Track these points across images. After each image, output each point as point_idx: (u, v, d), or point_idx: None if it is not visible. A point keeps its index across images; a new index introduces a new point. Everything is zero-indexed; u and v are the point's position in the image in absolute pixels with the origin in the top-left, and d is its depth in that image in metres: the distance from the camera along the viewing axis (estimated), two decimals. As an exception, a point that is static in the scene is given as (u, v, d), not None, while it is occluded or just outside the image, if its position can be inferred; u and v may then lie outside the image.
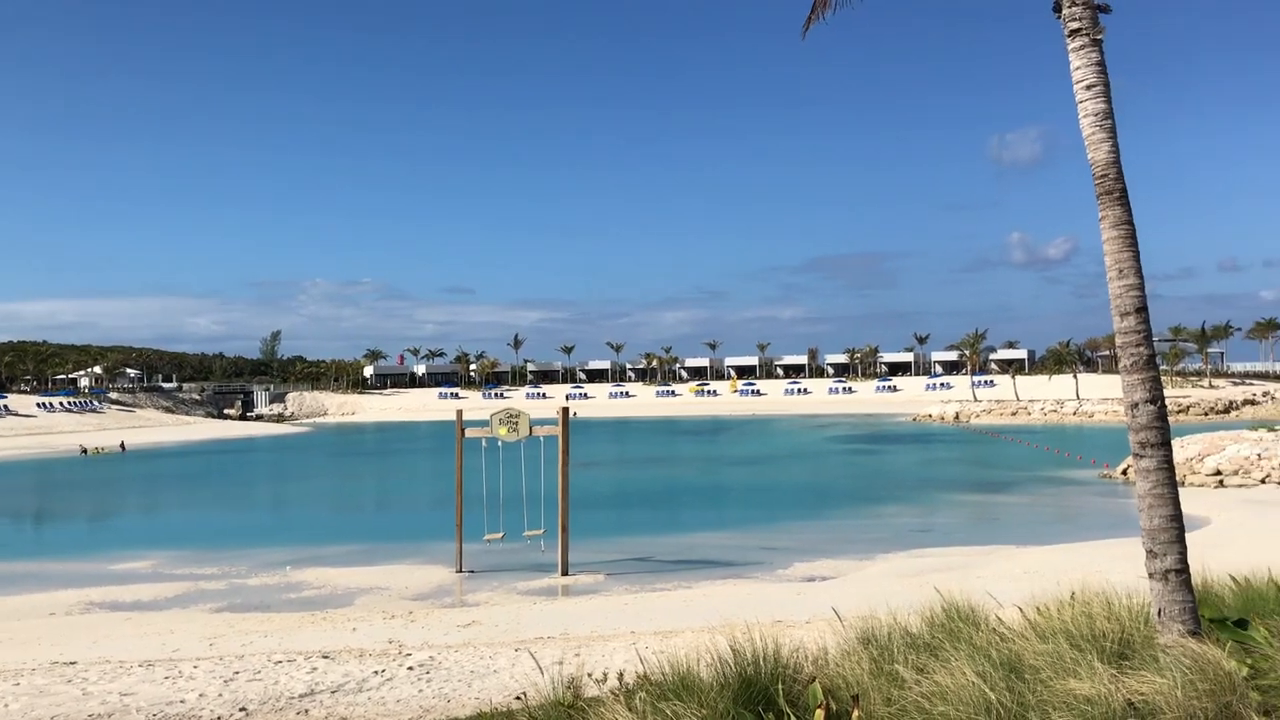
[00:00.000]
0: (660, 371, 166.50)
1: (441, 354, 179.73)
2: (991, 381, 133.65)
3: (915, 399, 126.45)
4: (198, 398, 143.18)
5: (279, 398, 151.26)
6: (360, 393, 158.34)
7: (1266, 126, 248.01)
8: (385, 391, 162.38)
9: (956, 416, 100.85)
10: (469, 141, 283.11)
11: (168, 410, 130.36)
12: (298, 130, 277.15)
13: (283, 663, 14.63)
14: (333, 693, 12.71)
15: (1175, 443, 42.39)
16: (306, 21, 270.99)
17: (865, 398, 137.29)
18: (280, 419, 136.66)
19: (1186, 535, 7.05)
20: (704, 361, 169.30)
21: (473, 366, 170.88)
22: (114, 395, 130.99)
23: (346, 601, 22.16)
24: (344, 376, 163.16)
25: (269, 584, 24.59)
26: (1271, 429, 45.12)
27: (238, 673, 13.96)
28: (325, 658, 14.92)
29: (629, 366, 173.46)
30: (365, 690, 12.84)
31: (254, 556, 28.01)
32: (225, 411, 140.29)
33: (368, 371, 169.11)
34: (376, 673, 13.77)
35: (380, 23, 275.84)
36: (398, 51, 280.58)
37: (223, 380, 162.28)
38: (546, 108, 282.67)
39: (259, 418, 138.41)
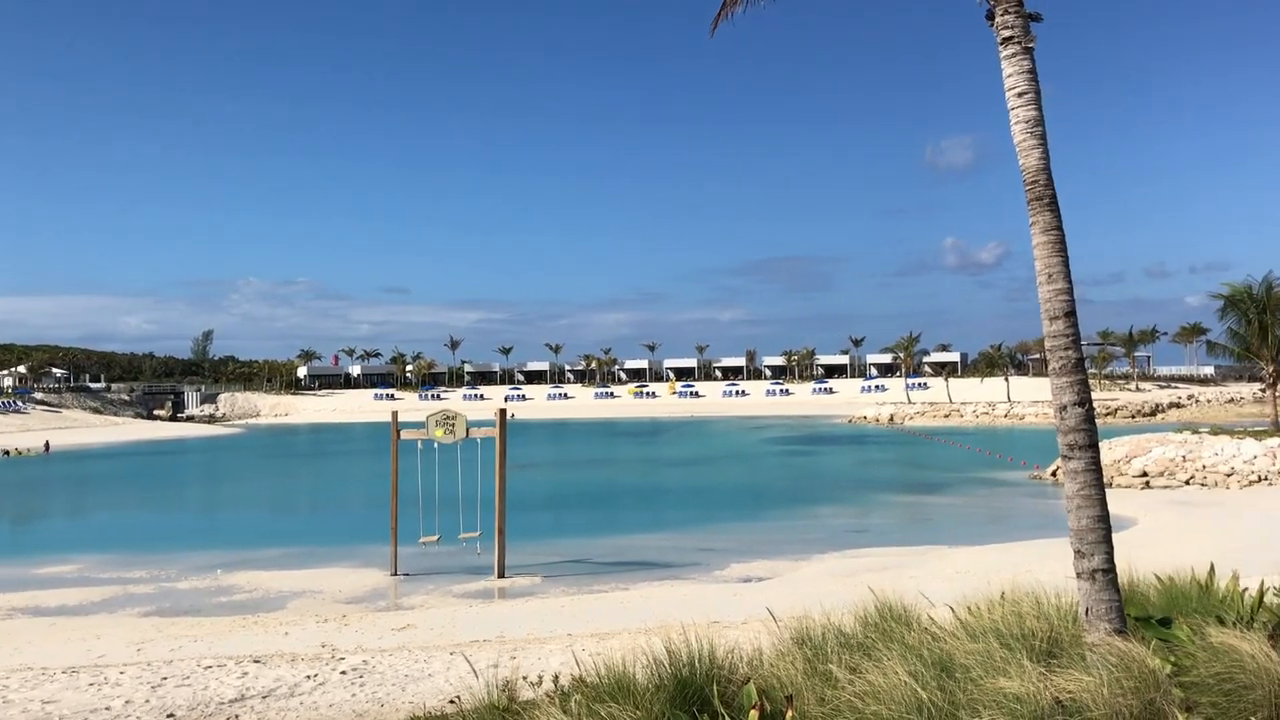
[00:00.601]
0: (599, 373, 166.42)
1: (377, 355, 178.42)
2: (925, 384, 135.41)
3: (851, 401, 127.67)
4: (127, 398, 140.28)
5: (211, 398, 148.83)
6: (294, 394, 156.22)
7: (1193, 137, 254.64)
8: (320, 392, 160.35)
9: (891, 418, 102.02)
10: (406, 141, 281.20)
11: (95, 411, 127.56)
12: (231, 128, 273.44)
13: (212, 667, 14.38)
14: (264, 698, 12.52)
15: (1103, 445, 43.42)
16: (242, 21, 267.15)
17: (802, 399, 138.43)
18: (212, 420, 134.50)
19: (1113, 535, 7.18)
20: (643, 363, 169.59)
21: (409, 367, 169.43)
22: (39, 395, 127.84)
23: (279, 605, 21.85)
24: (277, 377, 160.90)
25: (199, 587, 24.17)
26: (1196, 431, 46.17)
27: (166, 678, 13.69)
28: (256, 662, 14.69)
29: (568, 368, 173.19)
30: (297, 695, 12.66)
31: (184, 559, 27.52)
32: (155, 412, 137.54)
33: (302, 372, 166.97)
34: (309, 677, 13.58)
35: (311, 22, 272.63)
36: (334, 53, 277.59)
37: (153, 380, 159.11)
38: (486, 110, 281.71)
39: (190, 418, 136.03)
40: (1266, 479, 37.76)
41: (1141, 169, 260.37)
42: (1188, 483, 38.71)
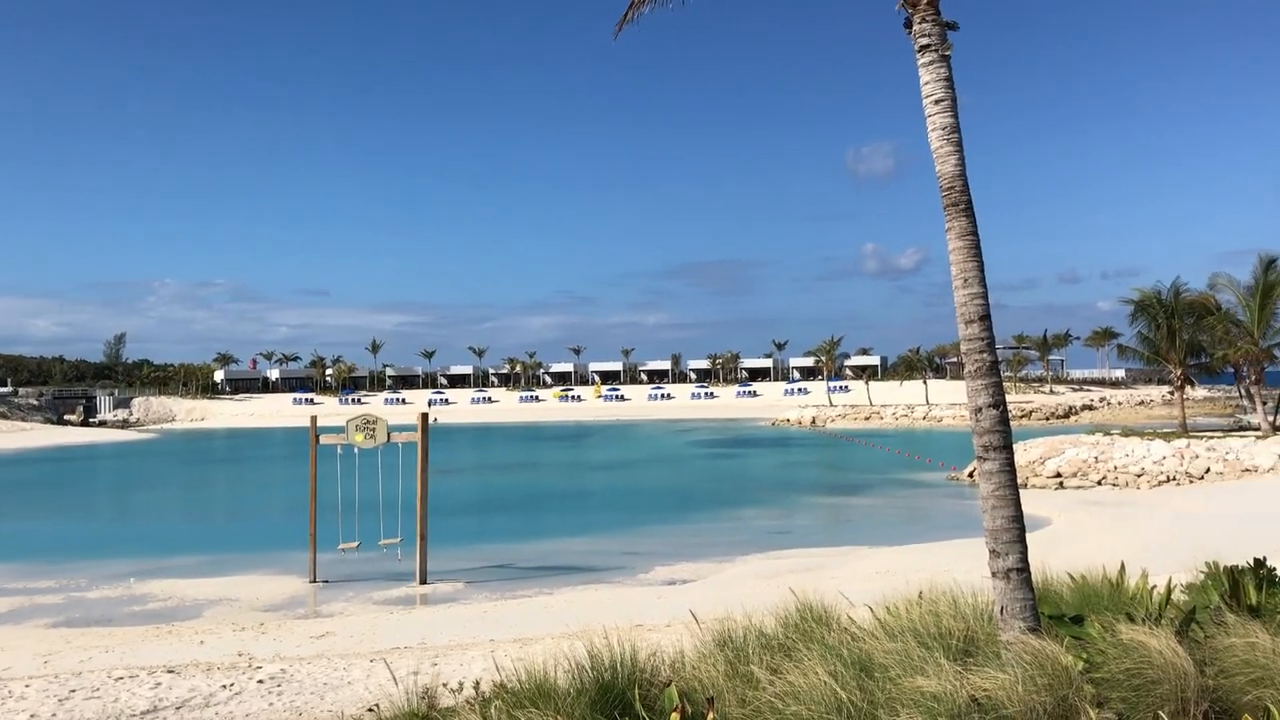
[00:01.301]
0: (524, 376, 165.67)
1: (296, 358, 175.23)
2: (846, 387, 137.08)
3: (774, 404, 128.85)
4: (35, 403, 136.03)
5: (124, 403, 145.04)
6: (211, 398, 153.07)
7: (1102, 146, 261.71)
8: (237, 397, 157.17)
9: (813, 421, 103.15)
10: (328, 143, 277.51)
11: (2, 416, 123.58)
12: (143, 126, 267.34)
13: (124, 679, 14.00)
14: (177, 709, 12.23)
15: (1018, 446, 44.23)
16: (154, 17, 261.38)
17: (726, 402, 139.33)
18: (125, 425, 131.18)
19: (1028, 535, 7.31)
20: (568, 366, 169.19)
21: (329, 371, 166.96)
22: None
23: (194, 613, 21.38)
24: (193, 381, 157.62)
25: (111, 597, 23.53)
26: (1107, 433, 47.40)
27: (74, 691, 13.29)
28: (170, 672, 14.34)
29: (492, 372, 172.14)
30: (212, 705, 12.38)
31: (95, 568, 26.76)
32: (66, 417, 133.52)
33: (219, 376, 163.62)
34: (225, 687, 13.30)
35: (224, 23, 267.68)
36: (249, 56, 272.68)
37: (64, 385, 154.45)
38: (409, 115, 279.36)
39: (102, 424, 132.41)
40: (1174, 479, 38.90)
41: (1054, 177, 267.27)
42: (1100, 483, 39.71)
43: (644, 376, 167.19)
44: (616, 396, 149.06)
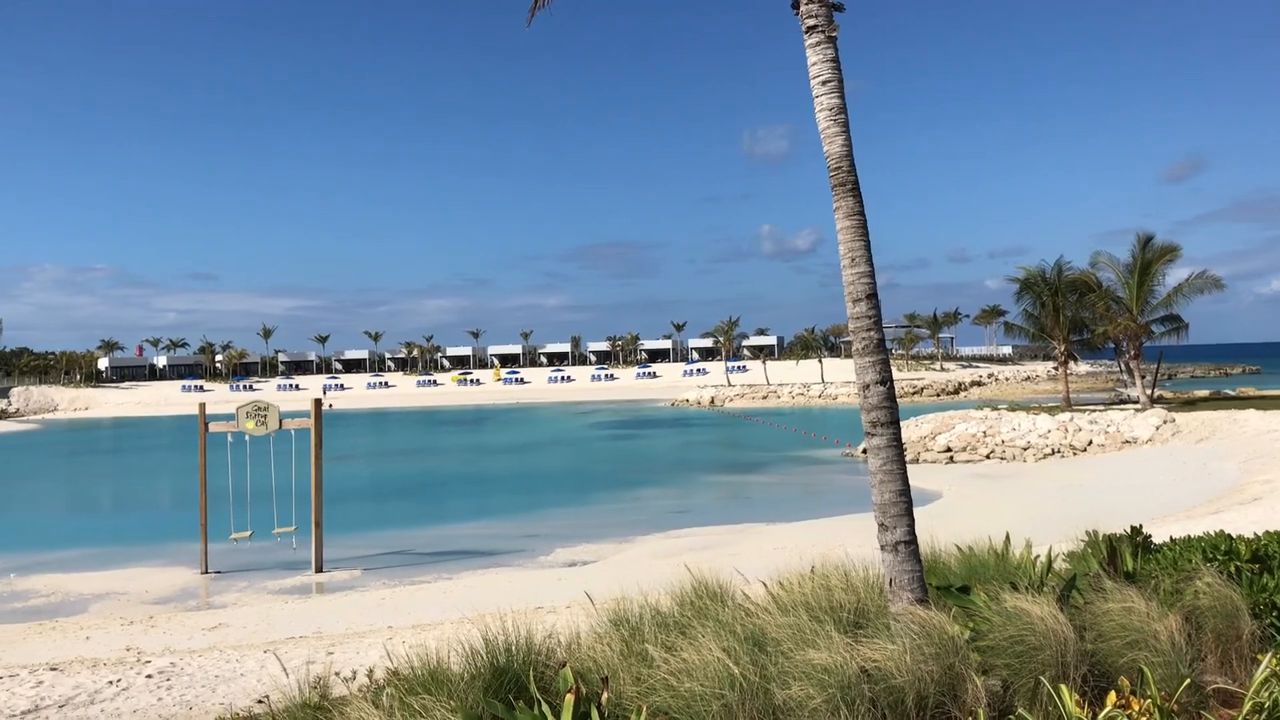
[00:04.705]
0: (421, 361, 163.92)
1: (184, 345, 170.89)
2: (744, 367, 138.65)
3: (674, 385, 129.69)
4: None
5: (2, 393, 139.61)
6: (95, 386, 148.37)
7: (991, 130, 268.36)
8: (123, 385, 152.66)
9: (712, 401, 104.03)
10: (215, 122, 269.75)
11: None
12: (19, 107, 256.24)
13: (3, 678, 13.47)
14: (60, 707, 11.82)
15: (910, 422, 45.08)
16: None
17: (626, 384, 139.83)
18: (4, 416, 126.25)
19: (919, 509, 7.46)
20: (467, 350, 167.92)
21: (219, 357, 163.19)
22: None
23: (80, 608, 20.73)
24: (76, 369, 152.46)
25: (-12, 594, 22.66)
26: (995, 408, 48.74)
27: (-52, 693, 12.75)
28: (53, 670, 13.86)
29: (388, 356, 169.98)
30: (98, 702, 12.00)
31: (-29, 565, 25.74)
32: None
33: (103, 364, 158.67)
34: (111, 683, 12.89)
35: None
36: (139, 30, 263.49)
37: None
38: (302, 101, 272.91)
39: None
40: (1059, 452, 40.21)
41: (945, 159, 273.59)
42: (988, 457, 40.84)
43: (544, 359, 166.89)
44: (516, 379, 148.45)
